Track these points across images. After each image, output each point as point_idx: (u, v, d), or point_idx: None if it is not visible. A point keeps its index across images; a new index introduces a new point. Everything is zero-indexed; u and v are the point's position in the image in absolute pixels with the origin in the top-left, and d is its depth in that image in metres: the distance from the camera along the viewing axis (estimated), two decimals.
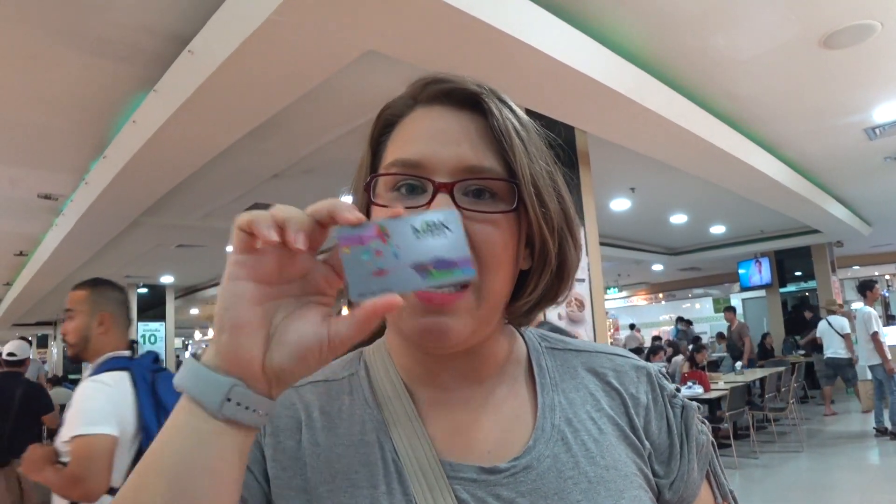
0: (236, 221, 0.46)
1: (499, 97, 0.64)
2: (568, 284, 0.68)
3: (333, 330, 0.48)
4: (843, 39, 3.82)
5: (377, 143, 0.68)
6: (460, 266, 0.49)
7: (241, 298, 0.47)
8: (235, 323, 0.47)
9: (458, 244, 0.50)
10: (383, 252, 0.47)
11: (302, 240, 0.45)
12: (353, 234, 0.47)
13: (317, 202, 0.48)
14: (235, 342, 0.47)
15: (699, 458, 0.70)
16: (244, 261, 0.47)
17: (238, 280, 0.47)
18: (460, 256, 0.49)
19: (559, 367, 0.71)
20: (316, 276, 0.51)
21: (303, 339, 0.48)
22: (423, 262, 0.48)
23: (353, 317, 0.47)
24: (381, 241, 0.47)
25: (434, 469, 0.61)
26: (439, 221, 0.50)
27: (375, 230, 0.48)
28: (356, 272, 0.46)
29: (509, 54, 3.09)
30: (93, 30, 3.18)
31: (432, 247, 0.49)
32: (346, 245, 0.47)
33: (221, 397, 0.47)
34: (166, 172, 4.65)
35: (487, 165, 0.61)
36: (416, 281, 0.47)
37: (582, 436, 0.65)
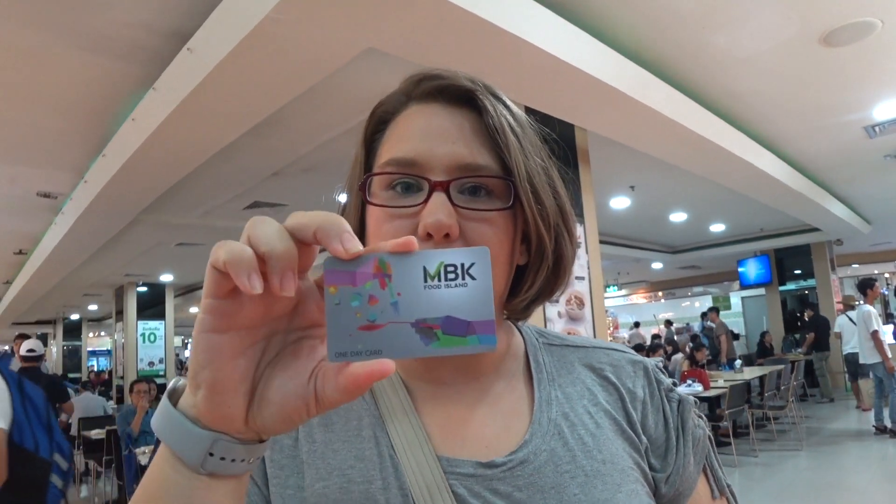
0: (211, 257, 0.39)
1: (493, 93, 0.64)
2: (564, 280, 0.68)
3: (321, 390, 0.41)
4: (844, 37, 3.82)
5: (371, 140, 0.68)
6: (477, 331, 0.38)
7: (218, 354, 0.40)
8: (213, 383, 0.40)
9: (482, 300, 0.39)
10: (379, 300, 0.38)
11: (290, 284, 0.38)
12: (345, 271, 0.38)
13: (300, 215, 0.40)
14: (214, 403, 0.41)
15: (696, 451, 0.70)
16: (219, 307, 0.40)
17: (214, 332, 0.40)
18: (480, 318, 0.38)
19: (556, 363, 0.72)
20: (308, 304, 0.43)
21: (287, 399, 0.41)
22: (428, 320, 0.38)
23: (336, 384, 0.39)
24: (378, 283, 0.38)
25: (431, 464, 0.61)
26: (462, 265, 0.39)
27: (374, 267, 0.38)
28: (340, 323, 0.38)
29: (509, 51, 3.09)
30: (92, 28, 3.18)
31: (445, 300, 0.38)
32: (333, 284, 0.38)
33: (203, 453, 0.42)
34: (166, 170, 4.64)
35: (483, 163, 0.61)
36: (416, 345, 0.38)
37: (579, 430, 0.65)
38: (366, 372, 0.37)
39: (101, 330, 22.47)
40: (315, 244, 0.39)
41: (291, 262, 0.38)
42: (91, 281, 10.46)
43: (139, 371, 11.30)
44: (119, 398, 11.31)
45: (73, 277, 9.32)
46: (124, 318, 11.76)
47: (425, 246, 0.57)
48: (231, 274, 0.37)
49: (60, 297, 12.31)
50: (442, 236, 0.57)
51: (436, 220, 0.57)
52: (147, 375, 10.32)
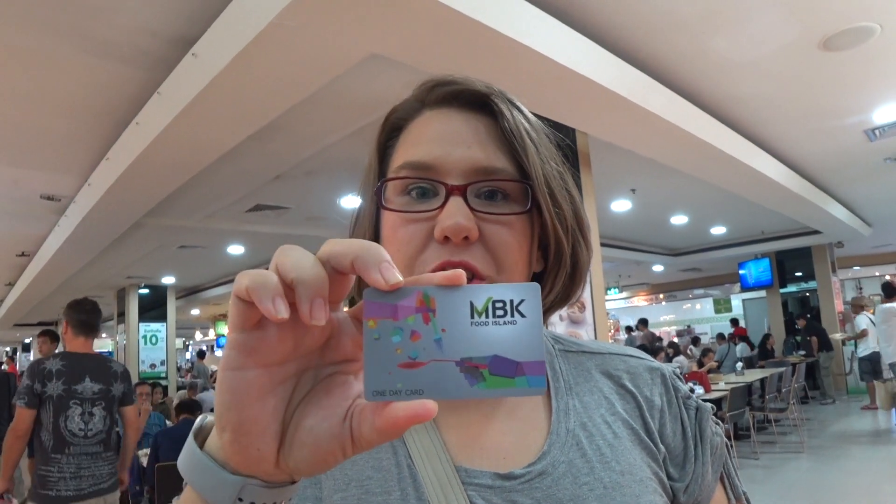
0: (234, 287, 0.36)
1: (508, 98, 0.64)
2: (580, 285, 0.67)
3: (357, 431, 0.37)
4: (843, 41, 3.84)
5: (384, 147, 0.67)
6: (527, 372, 0.36)
7: (245, 393, 0.37)
8: (240, 425, 0.37)
9: (532, 339, 0.36)
10: (422, 335, 0.35)
11: (320, 312, 0.35)
12: (385, 303, 0.36)
13: (336, 242, 0.37)
14: (241, 445, 0.38)
15: (713, 459, 0.69)
16: (246, 341, 0.36)
17: (240, 369, 0.37)
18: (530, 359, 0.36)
19: (573, 370, 0.70)
20: (341, 337, 0.39)
21: (321, 441, 0.38)
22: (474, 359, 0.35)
23: (373, 426, 0.36)
24: (422, 318, 0.35)
25: (449, 475, 0.60)
26: (511, 301, 0.36)
27: (417, 300, 0.36)
28: (379, 359, 0.35)
29: (510, 57, 3.10)
30: (97, 32, 3.20)
31: (492, 338, 0.36)
32: (372, 317, 0.36)
33: (231, 499, 0.39)
34: (169, 174, 4.66)
35: (500, 166, 0.60)
36: (460, 385, 0.35)
37: (597, 440, 0.64)
38: (406, 415, 0.34)
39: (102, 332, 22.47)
40: (351, 273, 0.36)
41: (321, 289, 0.35)
42: (93, 283, 10.47)
43: (140, 373, 11.29)
44: None
45: (76, 279, 9.33)
46: (126, 320, 11.78)
47: (442, 251, 0.57)
48: (254, 300, 0.34)
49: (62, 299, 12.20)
50: (461, 239, 0.57)
51: (455, 223, 0.56)
52: (148, 377, 10.33)
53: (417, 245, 0.59)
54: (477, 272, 0.58)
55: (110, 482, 3.17)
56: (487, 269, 0.58)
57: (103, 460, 3.12)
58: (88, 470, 3.05)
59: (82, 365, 3.17)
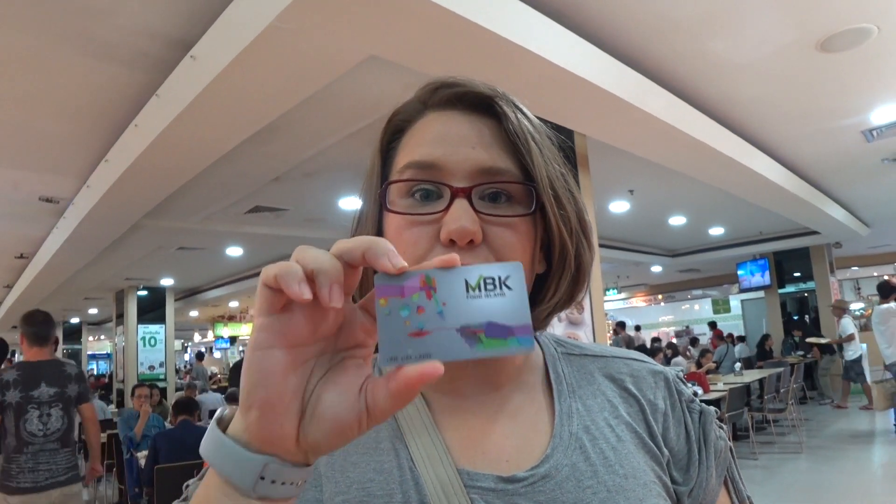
0: (262, 277, 0.40)
1: (511, 100, 0.64)
2: (583, 287, 0.67)
3: (371, 401, 0.41)
4: (841, 43, 3.85)
5: (387, 149, 0.67)
6: (517, 334, 0.41)
7: (272, 371, 0.40)
8: (266, 401, 0.41)
9: (519, 307, 0.42)
10: (426, 309, 0.41)
11: (338, 296, 0.39)
12: (393, 285, 0.41)
13: (345, 241, 0.41)
14: (266, 422, 0.41)
15: (717, 463, 0.69)
16: (272, 324, 0.41)
17: (268, 349, 0.40)
18: (519, 323, 0.41)
19: (576, 373, 0.70)
20: (353, 326, 0.44)
21: (339, 414, 0.42)
22: (472, 326, 0.41)
23: (389, 389, 0.40)
24: (425, 295, 0.41)
25: (451, 477, 0.60)
26: (499, 277, 0.42)
27: (420, 281, 0.41)
28: (391, 331, 0.40)
29: (509, 59, 3.11)
30: (96, 35, 3.20)
31: (486, 308, 0.41)
32: (383, 297, 0.41)
33: (254, 477, 0.42)
34: (168, 176, 4.67)
35: (504, 168, 0.60)
36: (462, 348, 0.40)
37: (600, 444, 0.64)
38: (418, 373, 0.39)
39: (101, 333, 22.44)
40: (362, 265, 0.41)
41: (338, 277, 0.40)
42: (92, 285, 10.46)
43: (139, 375, 11.28)
44: (119, 402, 11.31)
45: (74, 281, 9.33)
46: (125, 322, 11.75)
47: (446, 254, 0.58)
48: (282, 285, 0.39)
49: (61, 300, 12.30)
50: (465, 242, 0.57)
51: (460, 227, 0.56)
52: (147, 379, 10.32)
53: (423, 248, 0.59)
54: None
55: (67, 476, 3.48)
56: None
57: (61, 456, 3.45)
58: (46, 465, 3.39)
59: (37, 372, 3.51)
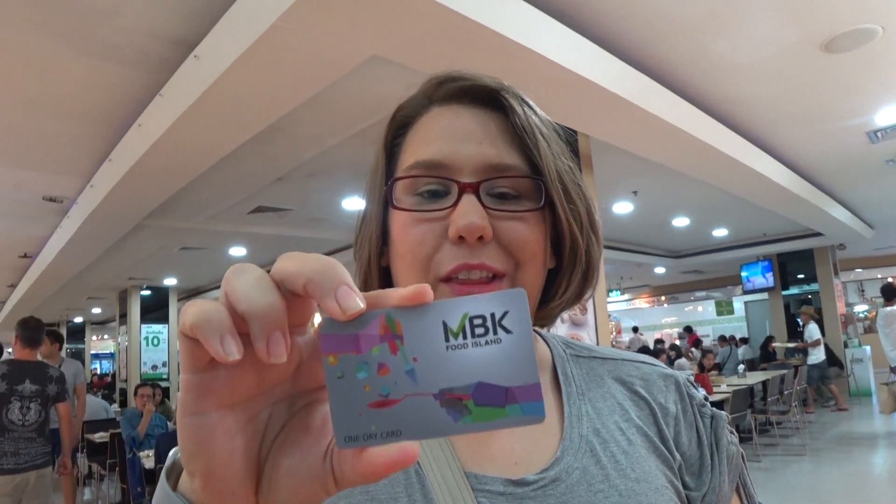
0: (179, 324, 0.32)
1: (517, 94, 0.63)
2: (593, 283, 0.66)
3: (338, 470, 0.33)
4: (845, 43, 3.84)
5: (392, 145, 0.65)
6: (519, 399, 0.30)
7: (208, 439, 0.32)
8: (208, 473, 0.33)
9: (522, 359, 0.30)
10: (391, 368, 0.30)
11: (279, 349, 0.30)
12: (345, 334, 0.30)
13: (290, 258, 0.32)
14: (213, 492, 0.34)
15: (730, 469, 0.67)
16: (199, 383, 0.32)
17: (198, 414, 0.32)
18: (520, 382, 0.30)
19: (585, 376, 0.68)
20: (311, 362, 0.34)
21: (301, 483, 0.34)
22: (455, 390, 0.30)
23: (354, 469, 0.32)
24: (388, 347, 0.30)
25: (459, 481, 0.58)
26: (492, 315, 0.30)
27: (380, 327, 0.30)
28: (345, 401, 0.30)
29: (512, 59, 3.11)
30: (100, 35, 3.21)
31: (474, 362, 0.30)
32: (331, 352, 0.30)
33: None
34: (171, 176, 4.67)
35: (512, 163, 0.59)
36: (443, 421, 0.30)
37: (611, 447, 0.62)
38: (384, 462, 0.30)
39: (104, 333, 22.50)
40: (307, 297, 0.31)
41: (278, 320, 0.30)
42: (95, 284, 10.49)
43: (142, 374, 11.30)
44: (122, 401, 11.33)
45: (78, 281, 9.35)
46: (128, 322, 11.78)
47: (457, 252, 0.56)
48: (200, 338, 0.30)
49: (64, 300, 12.34)
50: (475, 239, 0.55)
51: (469, 223, 0.54)
52: (150, 378, 10.33)
53: (431, 246, 0.58)
54: (497, 272, 0.56)
55: (43, 460, 4.03)
56: (506, 267, 0.57)
57: (38, 444, 4.00)
58: (25, 450, 3.94)
59: (24, 370, 4.04)
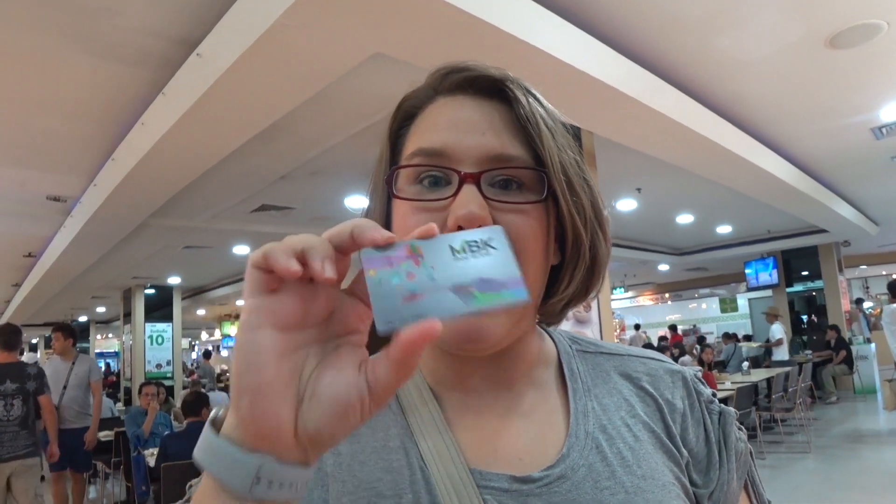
0: (249, 259, 0.39)
1: (523, 85, 0.62)
2: (599, 279, 0.65)
3: (372, 378, 0.39)
4: (850, 39, 3.82)
5: (396, 135, 0.65)
6: (509, 287, 0.41)
7: (262, 353, 0.38)
8: (258, 386, 0.38)
9: (506, 263, 0.42)
10: (416, 275, 0.40)
11: (330, 268, 0.38)
12: (381, 256, 0.40)
13: (333, 228, 0.41)
14: (259, 409, 0.38)
15: (738, 466, 0.67)
16: (262, 305, 0.39)
17: (257, 329, 0.38)
18: (509, 276, 0.42)
19: (591, 371, 0.68)
20: (344, 312, 0.42)
21: (339, 395, 0.39)
22: (464, 284, 0.40)
23: (389, 358, 0.38)
24: (413, 262, 0.41)
25: (463, 477, 0.58)
26: (481, 240, 0.43)
27: (406, 250, 0.41)
28: (384, 298, 0.39)
29: (515, 56, 3.10)
30: (102, 34, 3.21)
31: (474, 266, 0.41)
32: (372, 268, 0.40)
33: (249, 479, 0.38)
34: (174, 175, 4.68)
35: (514, 154, 0.58)
36: (457, 304, 0.39)
37: (617, 444, 0.61)
38: (417, 332, 0.37)
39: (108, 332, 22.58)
40: (351, 249, 0.40)
41: (329, 252, 0.39)
42: (99, 283, 10.51)
43: (147, 373, 11.33)
44: (127, 400, 11.36)
45: (82, 280, 9.37)
46: (132, 321, 11.81)
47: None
48: (271, 261, 0.37)
49: (69, 299, 12.38)
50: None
51: (468, 212, 0.54)
52: (154, 377, 10.35)
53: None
54: None
55: (26, 451, 4.51)
56: None
57: (21, 437, 4.47)
58: (10, 442, 4.40)
59: (4, 371, 4.51)
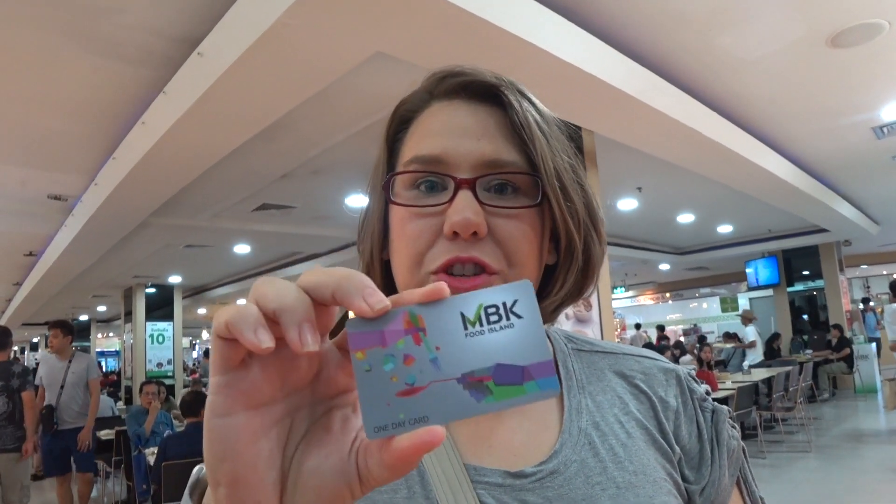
0: (214, 327, 0.34)
1: (518, 90, 0.63)
2: (593, 281, 0.66)
3: (363, 468, 0.35)
4: (851, 38, 3.81)
5: (393, 140, 0.66)
6: (535, 376, 0.33)
7: (236, 439, 0.34)
8: (235, 475, 0.34)
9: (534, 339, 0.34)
10: (416, 358, 0.33)
11: (310, 337, 0.32)
12: (372, 331, 0.33)
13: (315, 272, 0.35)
14: (239, 498, 0.35)
15: (730, 463, 0.68)
16: (230, 382, 0.34)
17: (227, 415, 0.34)
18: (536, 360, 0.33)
19: (586, 370, 0.69)
20: (331, 369, 0.37)
21: (326, 482, 0.35)
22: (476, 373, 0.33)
23: (382, 460, 0.33)
24: (412, 339, 0.33)
25: (458, 473, 0.58)
26: (503, 304, 0.34)
27: (404, 322, 0.34)
28: (375, 392, 0.32)
29: (517, 55, 3.10)
30: (103, 33, 3.21)
31: (491, 346, 0.33)
32: (359, 349, 0.33)
33: None
34: (175, 173, 4.68)
35: (509, 159, 0.59)
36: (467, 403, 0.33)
37: (610, 440, 0.63)
38: (413, 444, 0.32)
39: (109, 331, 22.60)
40: (333, 305, 0.34)
41: (308, 314, 0.33)
42: (100, 282, 10.52)
43: (147, 372, 11.33)
44: (128, 399, 11.36)
45: (83, 279, 9.38)
46: (133, 320, 11.81)
47: (451, 246, 0.57)
48: (235, 334, 0.32)
49: (70, 298, 12.39)
50: (469, 234, 0.56)
51: (463, 218, 0.55)
52: (155, 376, 10.36)
53: (426, 240, 0.58)
54: (487, 267, 0.57)
55: (13, 445, 4.83)
56: (498, 264, 0.57)
57: (9, 430, 4.81)
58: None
59: None
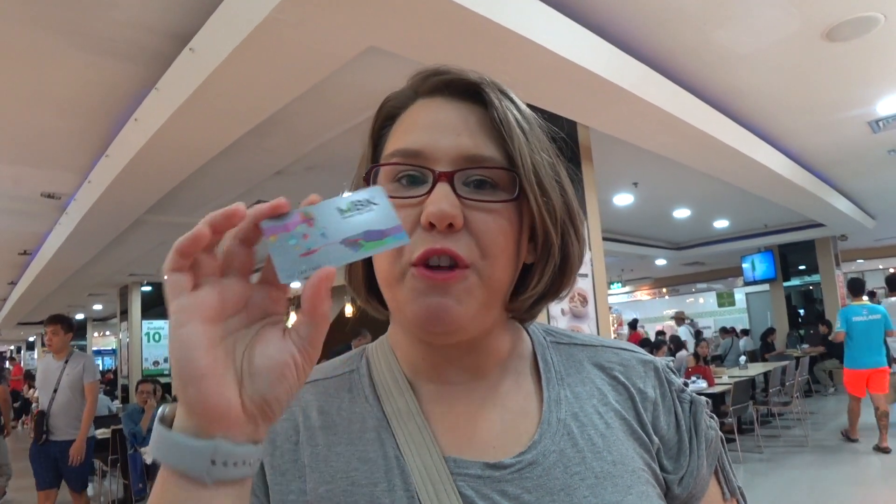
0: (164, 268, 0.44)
1: (500, 88, 0.64)
2: (571, 279, 0.67)
3: (297, 337, 0.46)
4: (846, 32, 3.81)
5: (378, 136, 0.68)
6: (391, 234, 0.48)
7: (195, 344, 0.42)
8: (199, 373, 0.42)
9: (387, 215, 0.49)
10: (310, 235, 0.46)
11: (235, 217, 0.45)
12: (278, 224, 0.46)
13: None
14: (206, 393, 0.42)
15: (708, 453, 0.69)
16: (185, 303, 0.43)
17: (186, 325, 0.43)
18: (390, 226, 0.48)
19: (565, 362, 0.70)
20: (258, 299, 0.48)
21: (273, 360, 0.45)
22: (351, 237, 0.47)
23: (303, 313, 0.45)
24: (307, 225, 0.47)
25: (438, 465, 0.60)
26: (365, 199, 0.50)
27: (300, 217, 0.47)
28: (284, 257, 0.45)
29: (511, 50, 3.08)
30: (94, 29, 3.19)
31: (360, 222, 0.48)
32: (272, 234, 0.46)
33: (206, 464, 0.43)
34: (169, 170, 4.65)
35: (488, 155, 0.61)
36: (347, 254, 0.46)
37: (588, 430, 0.64)
38: (313, 283, 0.43)
39: (105, 329, 22.54)
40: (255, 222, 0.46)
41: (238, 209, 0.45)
42: (95, 281, 10.48)
43: (144, 370, 11.32)
44: (124, 397, 11.35)
45: (78, 277, 9.35)
46: (129, 318, 11.79)
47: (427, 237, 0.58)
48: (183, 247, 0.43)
49: (65, 297, 12.34)
50: (445, 226, 0.57)
51: (439, 210, 0.57)
52: (152, 375, 10.34)
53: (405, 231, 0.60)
54: (460, 259, 0.58)
55: None
56: (471, 257, 0.58)
57: None
58: None
59: None
